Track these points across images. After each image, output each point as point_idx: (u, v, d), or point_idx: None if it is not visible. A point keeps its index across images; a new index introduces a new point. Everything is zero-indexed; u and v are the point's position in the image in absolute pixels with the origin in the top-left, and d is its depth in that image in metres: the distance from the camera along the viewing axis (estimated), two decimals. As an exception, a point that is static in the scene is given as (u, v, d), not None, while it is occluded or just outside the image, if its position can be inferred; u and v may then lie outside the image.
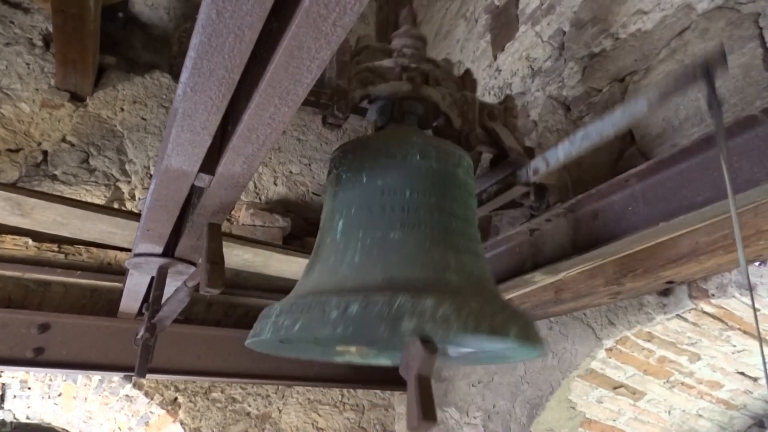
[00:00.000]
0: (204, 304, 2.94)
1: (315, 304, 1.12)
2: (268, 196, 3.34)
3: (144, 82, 3.19)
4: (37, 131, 2.84)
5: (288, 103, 0.99)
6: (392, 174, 1.34)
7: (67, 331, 2.50)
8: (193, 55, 0.90)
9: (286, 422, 3.07)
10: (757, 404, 2.46)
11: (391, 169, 1.34)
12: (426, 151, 1.39)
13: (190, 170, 1.25)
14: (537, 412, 2.37)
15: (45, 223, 2.11)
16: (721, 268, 1.69)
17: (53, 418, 2.87)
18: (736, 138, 1.37)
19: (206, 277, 1.36)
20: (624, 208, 1.63)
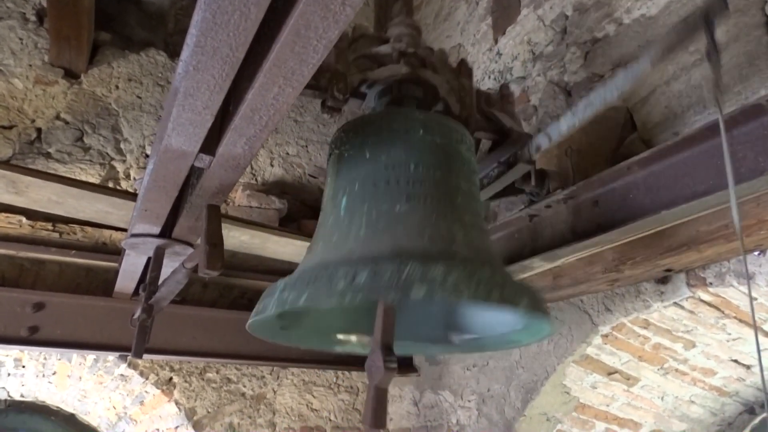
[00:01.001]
0: (200, 285, 2.93)
1: (321, 275, 1.09)
2: (264, 178, 3.31)
3: (139, 59, 3.14)
4: (30, 108, 2.80)
5: (293, 83, 0.97)
6: (396, 148, 1.31)
7: (62, 310, 2.49)
8: (195, 33, 0.88)
9: (281, 403, 3.08)
10: (749, 391, 2.49)
11: (394, 143, 1.32)
12: (429, 125, 1.37)
13: (190, 150, 1.23)
14: (531, 397, 2.38)
15: (40, 201, 2.09)
16: (720, 257, 1.69)
17: (47, 396, 2.87)
18: (741, 127, 1.36)
19: (205, 258, 1.35)
20: (625, 196, 1.62)
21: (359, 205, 1.27)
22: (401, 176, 1.28)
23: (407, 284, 1.01)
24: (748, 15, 1.75)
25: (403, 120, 1.38)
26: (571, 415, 2.44)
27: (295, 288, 1.11)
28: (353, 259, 1.13)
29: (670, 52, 1.32)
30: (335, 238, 1.25)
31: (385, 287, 1.02)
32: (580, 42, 2.38)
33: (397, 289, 1.01)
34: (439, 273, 1.03)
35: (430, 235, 1.20)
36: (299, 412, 3.11)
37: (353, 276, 1.04)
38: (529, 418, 2.42)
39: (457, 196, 1.31)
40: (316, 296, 1.07)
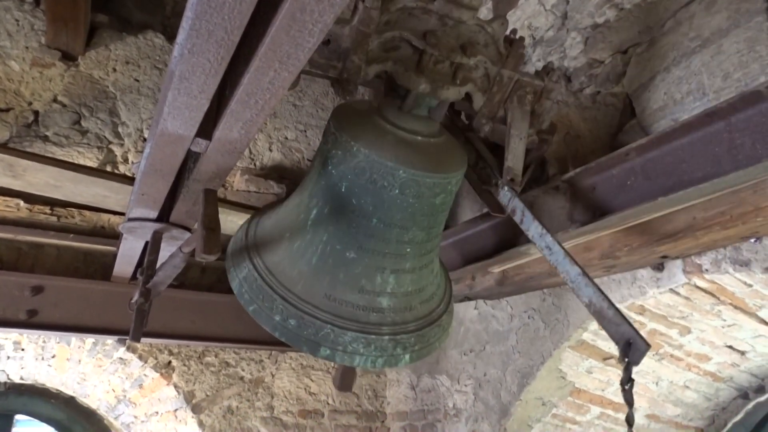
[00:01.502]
0: (198, 269, 2.94)
1: (268, 298, 1.42)
2: (263, 162, 3.31)
3: (137, 42, 3.12)
4: (27, 90, 2.78)
5: (288, 67, 0.97)
6: (367, 198, 1.41)
7: (61, 294, 2.49)
8: (190, 15, 0.87)
9: (279, 387, 3.10)
10: (743, 377, 2.51)
11: (368, 192, 1.41)
12: (407, 186, 1.40)
13: (187, 134, 1.22)
14: (527, 381, 2.40)
15: (37, 185, 2.09)
16: (716, 244, 1.69)
17: (47, 379, 2.89)
18: (739, 114, 1.35)
19: (202, 243, 1.35)
20: (623, 182, 1.62)
21: (321, 232, 1.45)
22: (361, 227, 1.42)
23: (317, 344, 1.39)
24: (748, 1, 1.74)
25: (384, 176, 1.39)
26: (566, 399, 2.46)
27: (250, 292, 1.46)
28: (295, 291, 1.43)
29: None
30: (295, 247, 1.48)
31: (303, 340, 1.39)
32: (580, 27, 2.36)
33: (309, 345, 1.39)
34: (346, 341, 1.40)
35: (361, 288, 1.45)
36: (297, 396, 3.13)
37: (286, 317, 1.40)
38: (524, 402, 2.44)
39: (406, 249, 1.48)
40: (259, 315, 1.43)
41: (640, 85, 2.07)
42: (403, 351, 1.48)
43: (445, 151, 1.52)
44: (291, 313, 1.40)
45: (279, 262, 1.49)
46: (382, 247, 1.45)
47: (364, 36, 1.41)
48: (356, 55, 1.43)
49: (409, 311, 1.53)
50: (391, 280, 1.49)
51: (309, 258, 1.46)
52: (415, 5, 1.45)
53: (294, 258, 1.48)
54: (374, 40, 1.44)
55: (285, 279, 1.45)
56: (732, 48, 1.77)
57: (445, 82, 1.49)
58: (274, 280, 1.45)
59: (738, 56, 1.74)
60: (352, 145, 1.40)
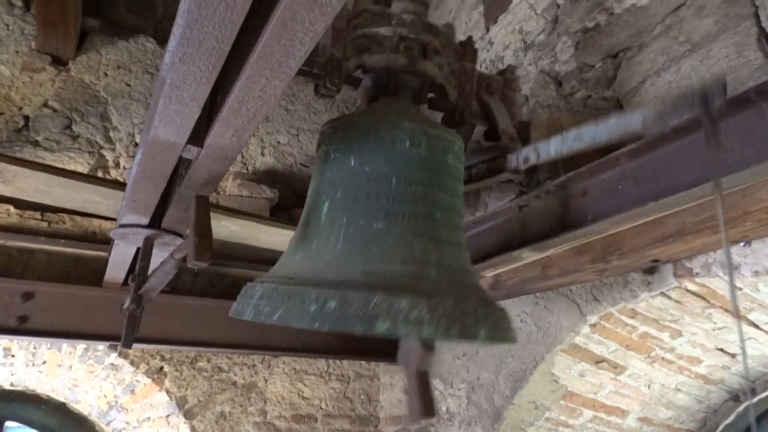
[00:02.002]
0: (190, 275, 2.93)
1: (295, 294, 1.14)
2: (255, 167, 3.30)
3: (128, 46, 3.11)
4: (17, 95, 2.76)
5: (280, 75, 0.97)
6: (380, 160, 1.32)
7: (52, 300, 2.47)
8: (181, 23, 0.87)
9: (272, 392, 3.09)
10: (734, 379, 2.52)
11: (379, 154, 1.33)
12: (416, 137, 1.37)
13: (178, 142, 1.22)
14: (520, 385, 2.41)
15: (27, 191, 2.07)
16: (706, 248, 1.70)
17: (38, 385, 2.87)
18: (728, 119, 1.37)
19: (194, 250, 1.35)
20: (613, 187, 1.63)
21: (339, 216, 1.30)
22: (381, 191, 1.30)
23: (372, 318, 1.08)
24: (737, 5, 1.76)
25: (390, 130, 1.37)
26: (559, 403, 2.47)
27: (271, 301, 1.17)
28: (326, 278, 1.18)
29: (664, 120, 1.33)
30: (314, 246, 1.29)
31: (352, 318, 1.08)
32: (571, 31, 2.38)
33: (362, 321, 1.08)
34: (404, 307, 1.09)
35: (403, 258, 1.24)
36: (290, 401, 3.13)
37: (324, 302, 1.10)
38: (517, 406, 2.45)
39: (435, 213, 1.33)
40: (289, 316, 1.13)
41: (630, 90, 2.09)
42: (476, 324, 1.18)
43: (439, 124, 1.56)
44: (329, 296, 1.11)
45: (299, 266, 1.28)
46: (409, 209, 1.29)
47: (339, 31, 1.49)
48: (335, 49, 1.49)
49: (463, 288, 1.29)
50: (431, 248, 1.28)
51: (333, 246, 1.26)
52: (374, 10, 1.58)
53: (316, 255, 1.28)
54: (348, 36, 1.53)
55: (311, 274, 1.22)
56: (721, 52, 1.78)
57: (419, 58, 1.56)
58: (299, 280, 1.21)
59: (727, 61, 1.76)
60: (351, 120, 1.40)
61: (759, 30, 1.69)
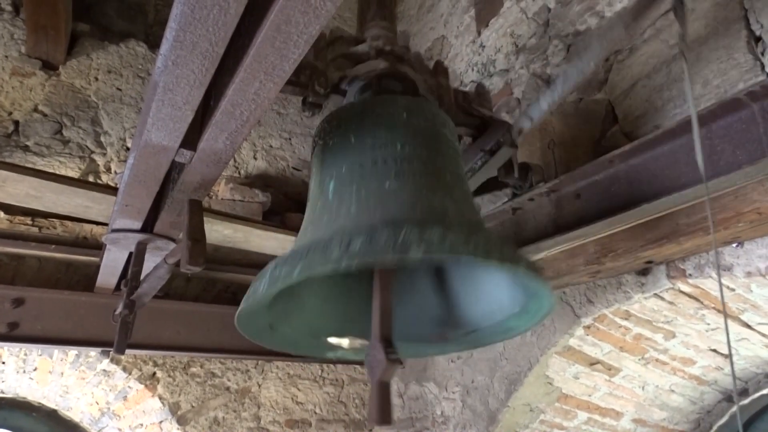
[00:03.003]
0: (183, 279, 2.91)
1: (315, 247, 1.05)
2: (247, 171, 3.29)
3: (119, 51, 3.09)
4: (7, 100, 2.74)
5: (274, 78, 0.96)
6: (381, 130, 1.30)
7: (43, 306, 2.45)
8: (174, 27, 0.87)
9: (266, 396, 3.07)
10: (728, 380, 2.53)
11: (379, 126, 1.31)
12: (412, 109, 1.36)
13: (171, 146, 1.21)
14: (515, 388, 2.41)
15: (17, 196, 2.05)
16: (699, 249, 1.71)
17: (29, 392, 2.84)
18: (719, 121, 1.38)
19: (187, 254, 1.34)
20: (607, 189, 1.64)
21: (348, 187, 1.24)
22: (388, 155, 1.26)
23: (404, 245, 0.98)
24: (727, 9, 1.77)
25: (387, 105, 1.37)
26: (553, 405, 2.47)
27: (287, 263, 1.07)
28: (347, 232, 1.07)
29: (641, 15, 1.33)
30: (325, 219, 1.22)
31: (382, 250, 0.98)
32: (562, 35, 2.39)
33: (394, 250, 0.97)
34: (437, 234, 1.01)
35: (422, 209, 1.17)
36: (284, 406, 3.11)
37: (348, 243, 1.01)
38: (512, 408, 2.45)
39: (445, 175, 1.30)
40: (311, 266, 1.01)
41: (621, 92, 2.10)
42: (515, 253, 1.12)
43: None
44: (354, 234, 1.02)
45: (310, 239, 1.19)
46: (419, 167, 1.26)
47: (320, 49, 1.50)
48: (317, 62, 1.49)
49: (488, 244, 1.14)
50: (449, 202, 1.22)
51: (346, 211, 1.19)
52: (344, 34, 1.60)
53: (328, 225, 1.20)
54: (329, 52, 1.54)
55: (328, 233, 1.13)
56: (711, 55, 1.79)
57: (397, 62, 1.56)
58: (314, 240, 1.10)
59: (717, 63, 1.77)
60: (346, 110, 1.40)
61: (748, 33, 1.70)
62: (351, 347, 1.47)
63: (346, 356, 1.50)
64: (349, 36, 1.62)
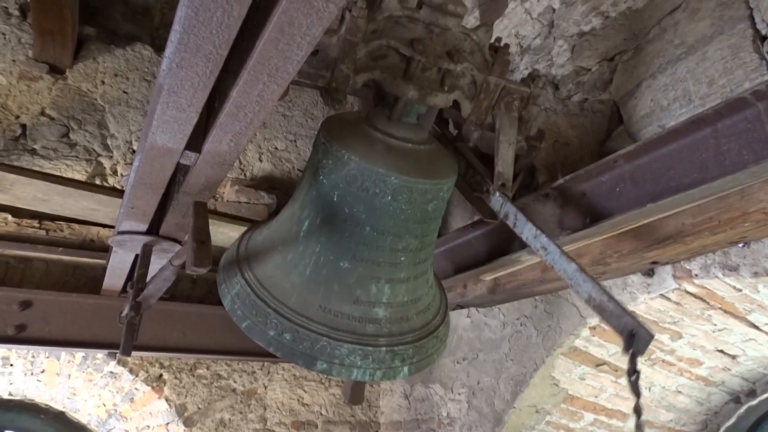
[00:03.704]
0: (189, 281, 2.92)
1: (261, 312, 1.39)
2: (253, 173, 3.30)
3: (125, 54, 3.11)
4: (14, 104, 2.76)
5: (277, 80, 0.97)
6: (360, 206, 1.40)
7: (50, 308, 2.47)
8: (178, 29, 0.87)
9: (272, 398, 3.08)
10: (735, 381, 2.52)
11: (360, 200, 1.40)
12: (399, 193, 1.40)
13: (176, 148, 1.22)
14: (521, 389, 2.40)
15: (25, 199, 2.07)
16: (705, 250, 1.70)
17: (36, 394, 2.85)
18: (725, 120, 1.37)
19: (193, 256, 1.34)
20: (612, 189, 1.63)
21: (314, 243, 1.44)
22: (354, 235, 1.41)
23: (313, 358, 1.35)
24: (732, 8, 1.76)
25: (377, 182, 1.39)
26: (559, 406, 2.46)
27: (243, 307, 1.42)
28: (288, 305, 1.40)
29: None
30: (289, 258, 1.46)
31: (299, 354, 1.35)
32: (567, 35, 2.38)
33: (305, 359, 1.35)
34: (343, 353, 1.36)
35: (356, 299, 1.43)
36: (290, 407, 3.11)
37: (281, 332, 1.36)
38: (518, 410, 2.44)
39: (400, 257, 1.46)
40: (253, 332, 1.39)
41: (626, 92, 2.09)
42: (402, 363, 1.45)
43: (436, 158, 1.53)
44: (285, 327, 1.36)
45: (271, 275, 1.47)
46: (376, 256, 1.43)
47: (352, 45, 1.41)
48: (344, 64, 1.42)
49: (406, 322, 1.51)
50: (387, 289, 1.46)
51: (302, 270, 1.44)
52: (401, 14, 1.46)
53: (287, 270, 1.46)
54: (362, 48, 1.45)
55: (278, 292, 1.43)
56: (716, 55, 1.79)
57: (433, 89, 1.49)
58: (267, 294, 1.42)
59: (722, 63, 1.77)
60: (342, 153, 1.40)
61: (754, 32, 1.70)
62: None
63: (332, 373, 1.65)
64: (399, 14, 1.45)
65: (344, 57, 1.42)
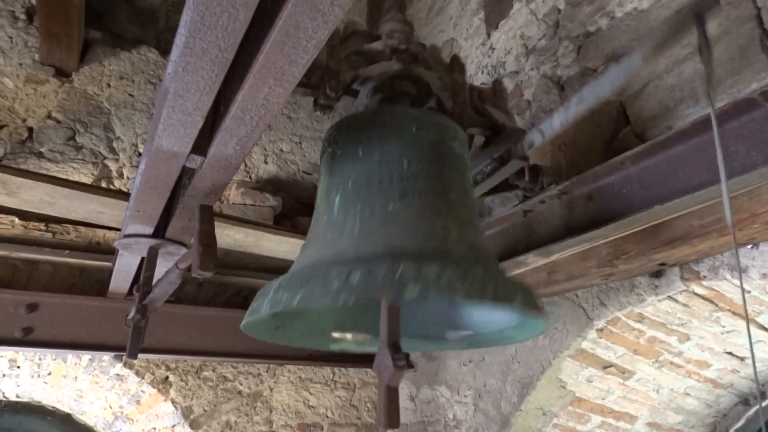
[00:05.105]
0: (195, 284, 2.92)
1: (315, 275, 1.08)
2: (258, 175, 3.30)
3: (131, 57, 3.12)
4: (21, 107, 2.77)
5: (283, 84, 0.96)
6: (389, 145, 1.31)
7: (56, 311, 2.47)
8: (184, 33, 0.87)
9: (278, 400, 3.08)
10: (744, 383, 2.50)
11: (387, 140, 1.31)
12: (422, 122, 1.36)
13: (182, 151, 1.22)
14: (527, 391, 2.39)
15: (31, 202, 2.07)
16: (713, 251, 1.69)
17: (43, 396, 2.86)
18: (733, 121, 1.36)
19: (198, 259, 1.34)
20: (619, 191, 1.62)
21: (353, 204, 1.26)
22: (394, 173, 1.27)
23: (401, 283, 1.00)
24: (739, 8, 1.75)
25: (396, 118, 1.37)
26: (567, 409, 2.45)
27: (288, 288, 1.10)
28: (347, 259, 1.12)
29: (662, 48, 1.31)
30: (329, 237, 1.24)
31: (380, 286, 1.01)
32: (572, 36, 2.37)
33: (391, 288, 1.00)
34: (433, 272, 1.02)
35: (424, 234, 1.19)
36: (296, 410, 3.11)
37: (347, 275, 1.03)
38: (525, 412, 2.43)
39: (450, 192, 1.31)
40: (310, 296, 1.05)
41: (633, 93, 2.08)
42: (512, 289, 1.12)
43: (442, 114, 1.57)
44: (353, 268, 1.05)
45: (312, 257, 1.22)
46: (426, 186, 1.27)
47: (333, 47, 1.50)
48: (331, 62, 1.49)
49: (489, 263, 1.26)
50: (452, 225, 1.24)
51: (350, 231, 1.21)
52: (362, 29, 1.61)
53: (332, 243, 1.22)
54: (342, 51, 1.54)
55: (329, 258, 1.17)
56: (724, 55, 1.78)
57: (412, 63, 1.57)
58: (316, 263, 1.16)
59: (730, 63, 1.75)
60: (356, 119, 1.40)
61: (762, 32, 1.68)
62: (355, 340, 1.53)
63: (350, 347, 1.55)
64: (364, 31, 1.62)
65: (330, 56, 1.50)
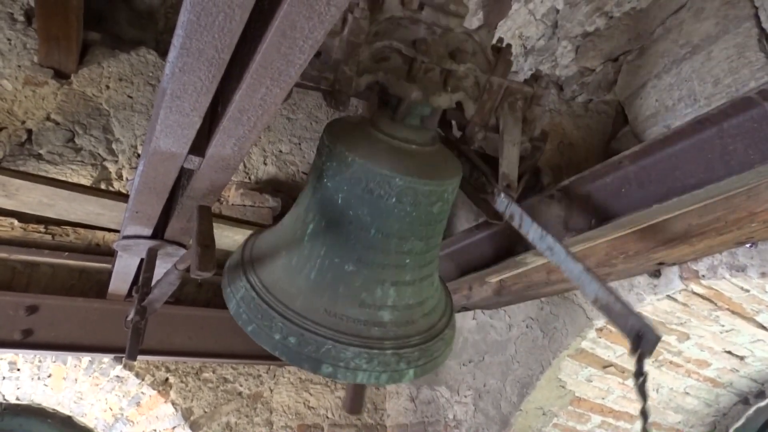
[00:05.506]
0: (194, 285, 2.92)
1: (267, 316, 1.38)
2: (257, 176, 3.30)
3: (130, 59, 3.12)
4: (20, 109, 2.78)
5: (280, 84, 0.96)
6: (365, 208, 1.38)
7: (56, 313, 2.47)
8: (181, 34, 0.87)
9: (278, 401, 3.08)
10: (743, 382, 2.50)
11: (365, 202, 1.38)
12: (404, 195, 1.38)
13: (180, 152, 1.22)
14: (527, 391, 2.39)
15: (31, 204, 2.08)
16: (712, 250, 1.69)
17: (43, 398, 2.86)
18: (731, 120, 1.36)
19: (197, 260, 1.34)
20: (617, 190, 1.62)
21: (319, 246, 1.43)
22: (360, 239, 1.40)
23: (319, 360, 1.33)
24: (737, 7, 1.75)
25: (381, 184, 1.37)
26: (566, 408, 2.45)
27: (249, 311, 1.41)
28: (294, 308, 1.39)
29: None
30: (294, 263, 1.45)
31: (305, 358, 1.33)
32: (571, 36, 2.38)
33: (311, 363, 1.33)
34: (348, 356, 1.34)
35: (362, 301, 1.42)
36: (296, 411, 3.11)
37: (286, 335, 1.35)
38: (525, 412, 2.43)
39: (405, 260, 1.45)
40: (258, 336, 1.37)
41: (631, 93, 2.08)
42: (407, 366, 1.43)
43: (440, 159, 1.52)
44: (291, 331, 1.35)
45: (277, 279, 1.46)
46: (381, 259, 1.42)
47: (355, 46, 1.41)
48: (347, 66, 1.42)
49: (412, 325, 1.49)
50: (392, 292, 1.45)
51: (307, 273, 1.43)
52: (403, 15, 1.46)
53: (292, 274, 1.46)
54: (365, 50, 1.44)
55: (283, 296, 1.42)
56: (722, 54, 1.78)
57: (437, 90, 1.49)
58: (273, 298, 1.42)
59: (728, 62, 1.76)
60: (346, 155, 1.39)
61: (759, 31, 1.69)
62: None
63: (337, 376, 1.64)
64: (400, 15, 1.46)
65: (347, 59, 1.42)
